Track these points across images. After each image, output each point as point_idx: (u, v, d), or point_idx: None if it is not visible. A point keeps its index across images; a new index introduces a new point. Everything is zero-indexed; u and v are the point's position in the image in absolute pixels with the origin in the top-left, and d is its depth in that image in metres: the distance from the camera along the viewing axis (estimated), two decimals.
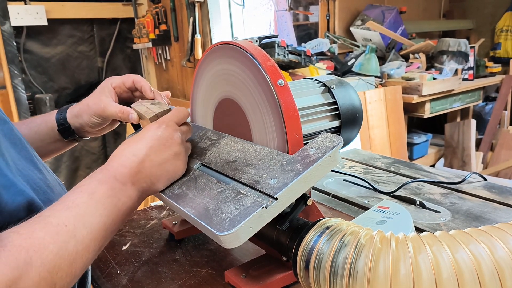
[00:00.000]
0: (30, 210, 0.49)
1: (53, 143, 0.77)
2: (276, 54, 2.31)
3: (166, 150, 0.58)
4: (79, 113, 0.75)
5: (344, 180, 1.04)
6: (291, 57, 2.41)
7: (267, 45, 2.29)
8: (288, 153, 0.57)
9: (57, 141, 0.77)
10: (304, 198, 0.57)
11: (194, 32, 2.73)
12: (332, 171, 1.07)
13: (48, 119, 0.76)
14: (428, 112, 2.82)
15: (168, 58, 3.13)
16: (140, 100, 0.76)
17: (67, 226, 0.44)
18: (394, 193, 0.92)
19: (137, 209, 0.94)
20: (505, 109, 3.51)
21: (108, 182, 0.52)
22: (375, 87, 2.68)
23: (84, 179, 0.52)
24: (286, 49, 2.39)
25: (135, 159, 0.55)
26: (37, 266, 0.39)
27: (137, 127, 0.78)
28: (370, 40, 3.24)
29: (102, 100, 0.72)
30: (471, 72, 3.16)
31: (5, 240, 0.40)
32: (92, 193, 0.49)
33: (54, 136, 0.76)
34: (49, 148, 0.78)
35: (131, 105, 0.72)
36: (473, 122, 3.21)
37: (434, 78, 2.77)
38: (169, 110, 0.66)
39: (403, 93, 2.70)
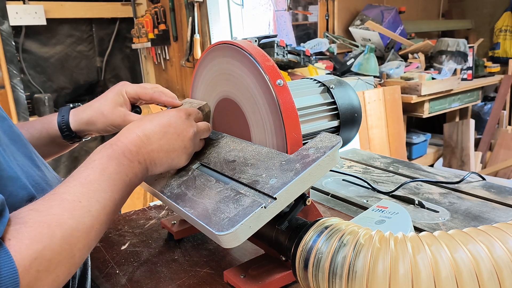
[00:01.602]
0: None
1: (55, 146, 0.76)
2: (275, 54, 2.31)
3: (178, 141, 0.59)
4: (91, 120, 0.72)
5: (343, 180, 1.04)
6: (290, 57, 2.41)
7: (266, 45, 2.29)
8: (287, 152, 0.57)
9: (60, 144, 0.76)
10: (303, 197, 0.57)
11: (193, 32, 2.73)
12: (331, 171, 1.07)
13: (49, 127, 0.73)
14: (427, 112, 2.83)
15: (167, 58, 3.13)
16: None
17: (81, 202, 0.46)
18: (393, 193, 0.92)
19: (136, 209, 0.94)
20: (504, 109, 3.52)
21: (118, 158, 0.53)
22: (374, 87, 2.68)
23: (94, 153, 0.54)
24: (285, 49, 2.39)
25: (145, 139, 0.57)
26: (58, 238, 0.42)
27: None
28: (369, 40, 3.25)
29: (121, 111, 0.71)
30: (470, 72, 3.16)
31: (25, 217, 0.42)
32: (103, 169, 0.51)
33: (56, 140, 0.74)
34: (51, 151, 0.77)
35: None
36: (472, 122, 3.21)
37: (433, 78, 2.77)
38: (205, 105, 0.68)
39: (402, 93, 2.70)
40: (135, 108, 0.75)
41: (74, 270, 0.45)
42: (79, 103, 0.84)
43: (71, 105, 0.76)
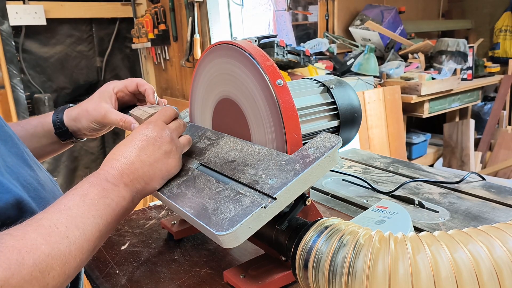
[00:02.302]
0: (19, 208, 0.49)
1: (50, 144, 0.77)
2: (275, 54, 2.31)
3: (156, 150, 0.58)
4: (77, 117, 0.74)
5: (343, 180, 1.04)
6: (290, 57, 2.41)
7: (266, 45, 2.29)
8: (287, 153, 0.57)
9: (54, 142, 0.77)
10: (303, 197, 0.57)
11: (193, 32, 2.73)
12: (331, 171, 1.07)
13: (44, 121, 0.75)
14: (427, 112, 2.83)
15: (167, 58, 3.13)
16: (137, 105, 0.76)
17: (58, 228, 0.44)
18: (393, 193, 0.92)
19: (136, 209, 0.94)
20: (504, 109, 3.52)
21: (100, 184, 0.52)
22: (374, 87, 2.68)
23: (77, 184, 0.53)
24: (285, 49, 2.39)
25: (125, 161, 0.56)
26: (29, 266, 0.40)
27: None
28: (369, 40, 3.25)
29: (102, 107, 0.72)
30: (470, 72, 3.16)
31: None
32: (84, 195, 0.50)
33: (51, 137, 0.75)
34: (46, 149, 0.77)
35: (129, 111, 0.72)
36: (472, 122, 3.21)
37: (433, 78, 2.77)
38: None
39: (402, 93, 2.70)
40: (132, 107, 0.75)
41: None
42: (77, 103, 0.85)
43: (69, 105, 0.78)
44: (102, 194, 0.51)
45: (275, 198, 0.50)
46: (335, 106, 0.70)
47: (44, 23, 2.73)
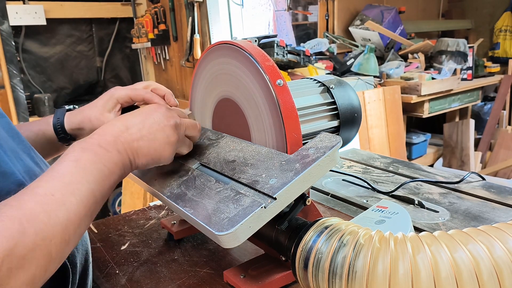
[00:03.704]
0: None
1: (53, 148, 0.76)
2: (275, 54, 2.31)
3: (159, 130, 0.58)
4: (80, 125, 0.73)
5: (343, 180, 1.04)
6: (290, 57, 2.41)
7: (266, 45, 2.29)
8: (287, 153, 0.57)
9: (55, 146, 0.76)
10: (303, 197, 0.57)
11: (193, 32, 2.73)
12: (331, 171, 1.07)
13: (45, 129, 0.74)
14: (427, 112, 2.83)
15: (167, 58, 3.13)
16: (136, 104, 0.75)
17: (54, 195, 0.44)
18: (393, 193, 0.92)
19: (136, 209, 0.94)
20: (504, 109, 3.52)
21: (92, 149, 0.52)
22: (374, 87, 2.68)
23: (68, 148, 0.52)
24: (285, 49, 2.39)
25: (124, 129, 0.56)
26: (30, 234, 0.40)
27: None
28: (369, 40, 3.25)
29: (106, 117, 0.71)
30: (469, 72, 3.16)
31: None
32: (76, 160, 0.49)
33: (53, 143, 0.75)
34: (49, 152, 0.77)
35: None
36: (472, 122, 3.22)
37: (433, 78, 2.77)
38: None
39: (402, 93, 2.70)
40: (134, 108, 0.75)
41: (53, 267, 0.44)
42: (75, 106, 0.82)
43: (66, 107, 0.77)
44: (95, 159, 0.51)
45: (275, 198, 0.50)
46: (335, 106, 0.70)
47: (44, 23, 2.73)
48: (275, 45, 2.31)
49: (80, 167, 0.49)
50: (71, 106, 0.78)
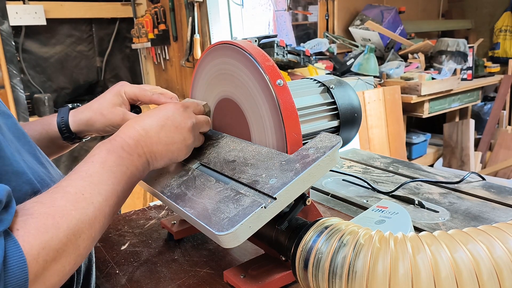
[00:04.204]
0: None
1: (56, 147, 0.76)
2: (275, 54, 2.31)
3: (176, 133, 0.60)
4: (90, 121, 0.72)
5: (343, 180, 1.04)
6: (290, 57, 2.41)
7: (266, 45, 2.29)
8: (287, 152, 0.57)
9: (59, 145, 0.76)
10: (303, 198, 0.57)
11: (193, 32, 2.73)
12: (331, 171, 1.07)
13: (48, 128, 0.74)
14: (427, 112, 2.83)
15: (167, 58, 3.13)
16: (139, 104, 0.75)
17: (84, 195, 0.48)
18: (393, 193, 0.92)
19: (136, 209, 0.94)
20: (504, 109, 3.52)
21: (117, 151, 0.55)
22: (374, 87, 2.68)
23: (94, 149, 0.55)
24: (285, 49, 2.39)
25: (143, 133, 0.58)
26: (64, 229, 0.43)
27: None
28: (369, 40, 3.25)
29: (120, 111, 0.71)
30: (469, 72, 3.16)
31: (30, 209, 0.43)
32: (103, 162, 0.53)
33: (56, 141, 0.74)
34: (51, 152, 0.77)
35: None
36: (472, 122, 3.22)
37: (433, 78, 2.77)
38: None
39: (402, 93, 2.70)
40: (135, 108, 0.75)
41: (80, 261, 0.46)
42: (78, 104, 0.82)
43: (70, 106, 0.76)
44: (119, 161, 0.54)
45: (275, 198, 0.50)
46: (335, 106, 0.70)
47: (44, 23, 2.73)
48: (275, 45, 2.31)
49: (106, 168, 0.52)
50: (75, 105, 0.78)
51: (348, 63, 2.86)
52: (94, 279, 0.64)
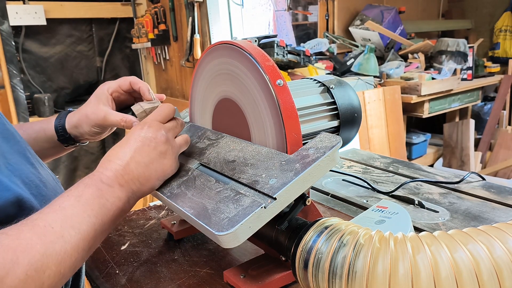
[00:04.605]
0: (19, 206, 0.49)
1: (52, 148, 0.77)
2: (275, 54, 2.31)
3: (151, 151, 0.58)
4: (78, 123, 0.74)
5: (343, 180, 1.04)
6: (290, 57, 2.41)
7: (266, 45, 2.29)
8: (287, 153, 0.57)
9: (56, 146, 0.77)
10: (303, 198, 0.57)
11: (193, 32, 2.73)
12: (331, 171, 1.07)
13: (46, 127, 0.75)
14: (427, 112, 2.83)
15: (167, 58, 3.12)
16: (139, 102, 0.76)
17: (53, 228, 0.45)
18: (393, 193, 0.92)
19: (136, 209, 0.94)
20: (504, 109, 3.52)
21: (95, 185, 0.53)
22: (374, 87, 2.68)
23: (72, 186, 0.53)
24: (285, 49, 2.39)
25: (119, 162, 0.56)
26: (23, 265, 0.40)
27: None
28: (369, 40, 3.25)
29: (101, 110, 0.72)
30: (470, 72, 3.16)
31: None
32: (79, 195, 0.51)
33: (53, 143, 0.76)
34: (48, 153, 0.78)
35: (131, 107, 0.72)
36: (472, 122, 3.21)
37: (433, 78, 2.77)
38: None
39: (402, 93, 2.70)
40: (127, 108, 0.75)
41: None
42: (78, 107, 0.84)
43: (70, 110, 0.78)
44: (97, 194, 0.52)
45: (275, 198, 0.50)
46: (335, 106, 0.70)
47: (44, 23, 2.73)
48: (275, 45, 2.31)
49: (82, 201, 0.50)
50: (76, 108, 0.79)
51: (348, 63, 2.86)
52: (83, 281, 0.64)
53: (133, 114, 0.74)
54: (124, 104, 0.77)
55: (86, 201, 0.50)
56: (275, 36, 0.80)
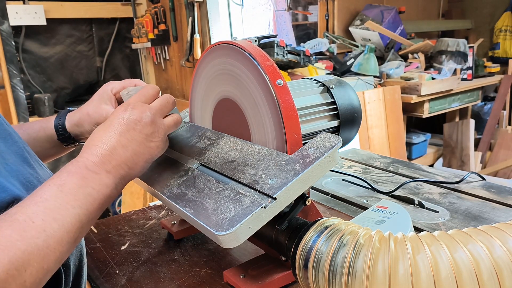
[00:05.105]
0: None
1: (52, 148, 0.77)
2: (275, 54, 2.31)
3: (137, 134, 0.56)
4: (79, 122, 0.73)
5: (343, 180, 1.04)
6: (290, 57, 2.41)
7: (266, 45, 2.29)
8: (287, 153, 0.57)
9: (56, 146, 0.77)
10: (303, 198, 0.57)
11: (193, 32, 2.73)
12: (331, 171, 1.07)
13: (46, 127, 0.75)
14: (427, 112, 2.83)
15: (167, 58, 3.12)
16: (127, 87, 0.74)
17: (34, 222, 0.42)
18: (393, 193, 0.92)
19: (136, 209, 0.94)
20: (504, 109, 3.52)
21: (79, 172, 0.50)
22: (374, 87, 2.68)
23: (55, 173, 0.50)
24: (285, 49, 2.39)
25: (105, 147, 0.54)
26: (4, 264, 0.38)
27: None
28: (369, 40, 3.25)
29: (104, 109, 0.71)
30: (469, 72, 3.16)
31: None
32: (62, 185, 0.48)
33: (53, 142, 0.75)
34: (48, 152, 0.77)
35: (120, 92, 0.72)
36: (472, 122, 3.21)
37: (433, 78, 2.77)
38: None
39: (402, 93, 2.70)
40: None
41: None
42: (77, 107, 0.84)
43: (70, 109, 0.78)
44: (81, 183, 0.49)
45: (275, 198, 0.50)
46: (335, 106, 0.70)
47: (44, 23, 2.73)
48: (275, 45, 2.31)
49: (65, 191, 0.47)
50: (76, 107, 0.79)
51: (348, 63, 2.86)
52: (85, 281, 0.64)
53: (121, 100, 0.73)
54: None
55: (69, 191, 0.47)
56: (275, 36, 0.80)
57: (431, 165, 3.30)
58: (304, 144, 0.58)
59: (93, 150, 0.53)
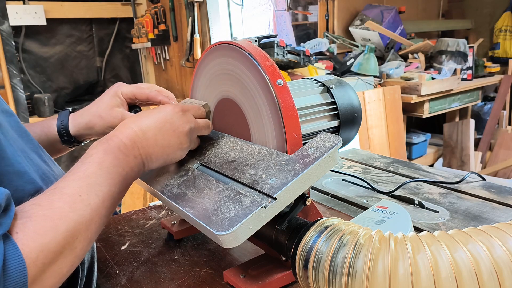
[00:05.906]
0: None
1: (53, 150, 0.76)
2: (275, 54, 2.31)
3: (173, 136, 0.59)
4: (89, 124, 0.73)
5: (343, 180, 1.04)
6: (290, 57, 2.41)
7: (266, 45, 2.29)
8: (287, 152, 0.57)
9: (57, 148, 0.76)
10: (303, 197, 0.57)
11: (193, 32, 2.73)
12: (331, 171, 1.07)
13: (48, 131, 0.74)
14: (427, 112, 2.83)
15: (167, 58, 3.13)
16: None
17: (81, 196, 0.47)
18: (393, 193, 0.92)
19: (136, 209, 0.94)
20: (504, 109, 3.52)
21: (113, 152, 0.54)
22: (374, 87, 2.68)
23: (90, 148, 0.54)
24: (285, 49, 2.39)
25: (140, 134, 0.57)
26: (62, 232, 0.43)
27: None
28: (369, 40, 3.25)
29: (117, 111, 0.71)
30: (469, 72, 3.16)
31: (29, 211, 0.43)
32: (100, 163, 0.52)
33: (55, 145, 0.75)
34: (51, 154, 0.77)
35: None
36: (472, 122, 3.22)
37: (433, 78, 2.77)
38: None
39: (402, 93, 2.70)
40: (135, 107, 0.75)
41: (77, 262, 0.46)
42: (77, 107, 0.82)
43: (70, 109, 0.77)
44: (116, 163, 0.53)
45: (275, 198, 0.50)
46: (335, 106, 0.70)
47: (44, 23, 2.74)
48: (275, 45, 2.31)
49: (104, 170, 0.52)
50: (76, 107, 0.78)
51: (348, 63, 2.86)
52: (95, 277, 0.65)
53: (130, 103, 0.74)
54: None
55: (107, 170, 0.52)
56: (275, 36, 0.80)
57: (431, 165, 3.30)
58: (304, 144, 0.58)
59: (129, 133, 0.56)
